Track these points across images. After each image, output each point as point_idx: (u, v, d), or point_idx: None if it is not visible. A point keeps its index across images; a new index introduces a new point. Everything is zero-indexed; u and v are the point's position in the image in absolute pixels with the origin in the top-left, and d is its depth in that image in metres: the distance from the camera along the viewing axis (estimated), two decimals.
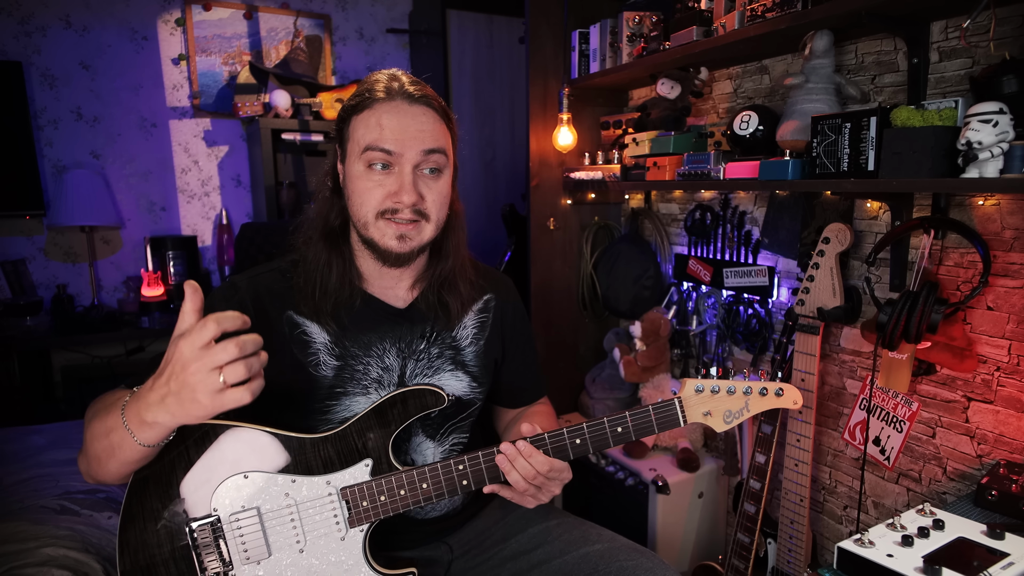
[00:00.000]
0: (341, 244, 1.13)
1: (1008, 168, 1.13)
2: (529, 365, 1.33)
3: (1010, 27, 1.26)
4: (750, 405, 1.04)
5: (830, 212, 1.65)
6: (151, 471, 0.98)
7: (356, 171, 1.06)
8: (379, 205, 1.05)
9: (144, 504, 0.99)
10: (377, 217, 1.05)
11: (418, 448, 1.17)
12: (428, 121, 1.06)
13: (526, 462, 1.02)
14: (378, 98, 1.05)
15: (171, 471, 0.99)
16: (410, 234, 1.06)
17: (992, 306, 1.35)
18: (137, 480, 0.99)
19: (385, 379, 1.13)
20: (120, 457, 0.92)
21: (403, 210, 1.05)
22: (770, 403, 1.04)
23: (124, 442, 0.90)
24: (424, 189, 1.06)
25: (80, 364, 2.93)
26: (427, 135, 1.05)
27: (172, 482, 0.99)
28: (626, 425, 1.04)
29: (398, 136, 1.04)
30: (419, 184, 1.06)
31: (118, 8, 2.95)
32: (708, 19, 1.69)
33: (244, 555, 1.00)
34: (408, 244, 1.07)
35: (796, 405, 1.04)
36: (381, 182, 1.05)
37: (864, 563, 0.97)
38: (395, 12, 3.50)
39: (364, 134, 1.05)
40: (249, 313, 1.08)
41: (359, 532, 1.03)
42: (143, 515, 0.99)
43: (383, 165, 1.05)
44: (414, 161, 1.05)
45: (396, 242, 1.06)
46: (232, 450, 1.00)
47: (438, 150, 1.07)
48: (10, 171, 2.72)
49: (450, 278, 1.17)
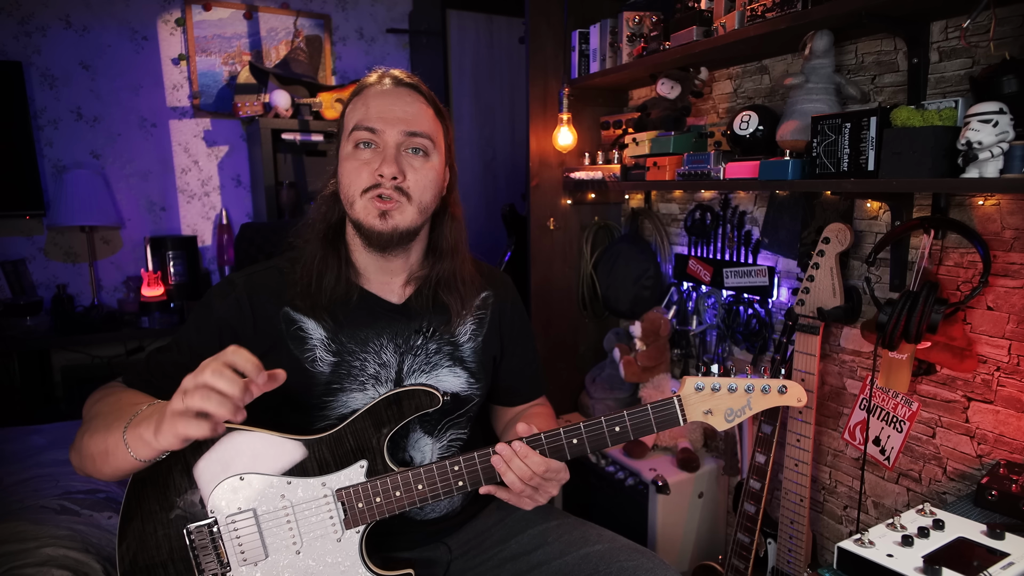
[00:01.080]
0: (338, 241, 1.15)
1: (1008, 168, 1.13)
2: (528, 364, 1.33)
3: (1010, 27, 1.26)
4: (752, 403, 1.02)
5: (830, 212, 1.65)
6: (149, 474, 0.99)
7: (345, 152, 1.09)
8: (364, 182, 1.06)
9: (142, 506, 0.99)
10: (361, 195, 1.07)
11: (416, 444, 1.17)
12: (413, 104, 1.09)
13: (522, 463, 1.01)
14: (368, 84, 1.11)
15: (168, 474, 0.99)
16: (392, 212, 1.07)
17: (992, 306, 1.35)
18: (135, 482, 1.00)
19: (382, 375, 1.13)
20: (113, 464, 0.96)
21: (384, 184, 1.06)
22: (773, 400, 1.02)
23: (119, 452, 0.93)
24: (407, 167, 1.08)
25: (80, 364, 2.93)
26: (411, 117, 1.08)
27: (170, 484, 0.99)
28: (624, 425, 1.03)
29: (383, 115, 1.07)
30: (401, 161, 1.07)
31: (118, 8, 2.95)
32: (708, 19, 1.69)
33: (241, 557, 1.00)
34: (389, 222, 1.07)
35: (800, 403, 1.01)
36: (367, 160, 1.07)
37: (864, 563, 0.97)
38: (395, 12, 3.50)
39: (352, 117, 1.09)
40: (245, 309, 1.10)
41: (355, 533, 1.03)
42: (141, 517, 0.99)
43: (367, 143, 1.07)
44: (397, 140, 1.07)
45: (378, 220, 1.06)
46: (229, 452, 1.00)
47: (422, 134, 1.08)
48: (10, 171, 2.72)
49: (448, 279, 1.17)
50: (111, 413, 1.00)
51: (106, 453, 0.95)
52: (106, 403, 1.04)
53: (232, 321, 1.10)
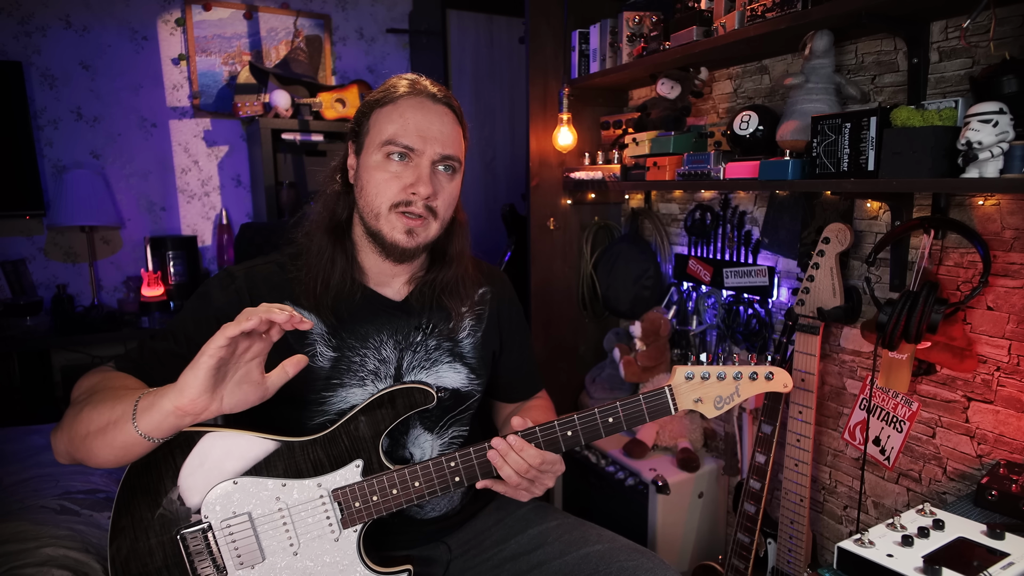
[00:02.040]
0: (344, 239, 1.14)
1: (1008, 168, 1.13)
2: (526, 359, 1.34)
3: (1010, 27, 1.26)
4: (740, 390, 1.05)
5: (830, 212, 1.65)
6: (139, 481, 0.98)
7: (373, 161, 1.08)
8: (394, 197, 1.06)
9: (134, 514, 0.98)
10: (390, 209, 1.07)
11: (416, 441, 1.17)
12: (448, 123, 1.10)
13: (518, 456, 1.02)
14: (402, 93, 1.09)
15: (159, 480, 0.98)
16: (418, 230, 1.08)
17: (992, 306, 1.35)
18: (125, 490, 0.98)
19: (382, 371, 1.13)
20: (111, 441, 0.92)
21: (416, 203, 1.06)
22: (760, 387, 1.05)
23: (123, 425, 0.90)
24: (437, 186, 1.09)
25: (80, 364, 2.92)
26: (447, 138, 1.09)
27: (161, 491, 0.98)
28: (617, 415, 1.04)
29: (422, 133, 1.06)
30: (434, 180, 1.08)
31: (118, 8, 2.95)
32: (708, 19, 1.69)
33: (238, 560, 1.00)
34: (415, 239, 1.08)
35: (786, 388, 1.05)
36: (398, 173, 1.06)
37: (864, 563, 0.97)
38: (395, 12, 3.49)
39: (386, 126, 1.07)
40: (245, 302, 1.09)
41: (353, 532, 1.03)
42: (133, 526, 0.98)
43: (401, 156, 1.07)
44: (432, 158, 1.07)
45: (404, 236, 1.07)
46: (218, 455, 0.99)
47: (455, 157, 1.10)
48: (10, 171, 2.72)
49: (452, 285, 1.18)
50: (113, 391, 0.98)
51: (107, 427, 0.91)
52: (106, 380, 1.02)
53: (231, 313, 1.08)
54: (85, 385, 1.05)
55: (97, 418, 0.93)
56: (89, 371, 1.10)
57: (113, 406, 0.93)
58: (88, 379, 1.07)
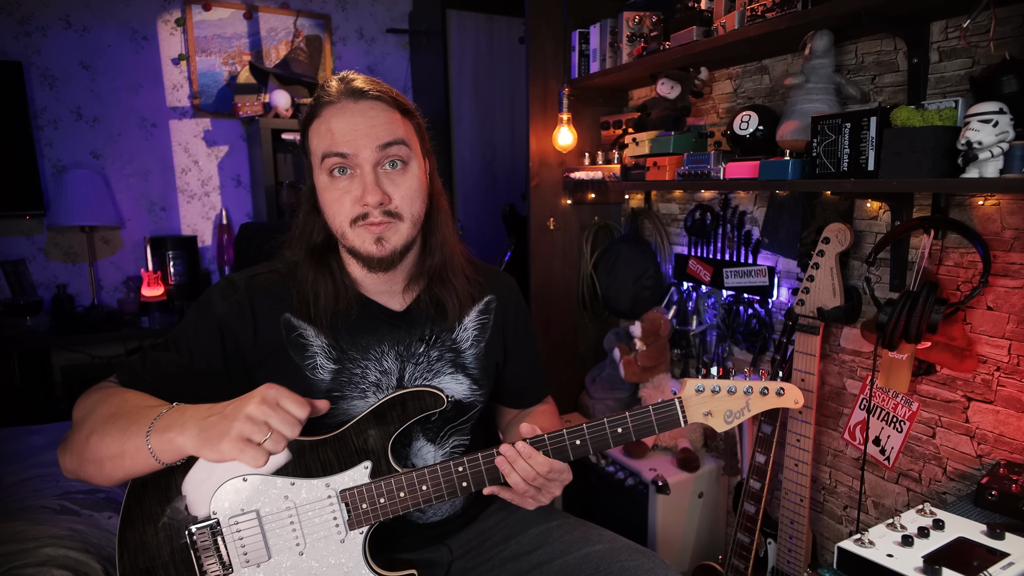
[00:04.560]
0: (329, 259, 1.12)
1: (1008, 168, 1.13)
2: (532, 366, 1.32)
3: (1010, 27, 1.26)
4: (751, 405, 1.03)
5: (830, 212, 1.65)
6: (150, 477, 0.98)
7: (322, 182, 1.05)
8: (350, 213, 1.03)
9: (143, 508, 0.99)
10: (352, 225, 1.04)
11: (418, 452, 1.16)
12: (378, 114, 1.03)
13: (526, 464, 1.01)
14: (324, 103, 1.04)
15: (170, 475, 0.99)
16: (387, 235, 1.04)
17: (992, 306, 1.35)
18: (136, 484, 0.99)
19: (383, 383, 1.12)
20: (128, 468, 0.96)
21: (372, 212, 1.02)
22: (771, 403, 1.04)
23: (139, 456, 0.94)
24: (390, 187, 1.04)
25: (80, 364, 2.93)
26: (379, 129, 1.02)
27: (171, 485, 0.99)
28: (626, 426, 1.03)
29: (349, 137, 1.01)
30: (383, 183, 1.03)
31: (118, 8, 2.95)
32: (708, 19, 1.69)
33: (244, 558, 1.00)
34: (387, 247, 1.04)
35: (797, 405, 1.03)
36: (347, 188, 1.03)
37: (864, 563, 0.97)
38: (395, 12, 3.49)
39: (318, 143, 1.04)
40: (246, 313, 1.09)
41: (359, 534, 1.03)
42: (142, 518, 0.99)
43: (342, 170, 1.03)
44: (372, 160, 1.02)
45: (375, 247, 1.04)
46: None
47: (395, 142, 1.03)
48: (10, 171, 2.72)
49: (441, 273, 1.15)
50: (123, 415, 0.98)
51: (122, 456, 0.94)
52: (110, 404, 1.02)
53: (233, 324, 1.08)
54: (89, 404, 1.05)
55: (110, 444, 0.95)
56: (92, 388, 1.09)
57: (126, 432, 0.95)
58: (92, 397, 1.06)
